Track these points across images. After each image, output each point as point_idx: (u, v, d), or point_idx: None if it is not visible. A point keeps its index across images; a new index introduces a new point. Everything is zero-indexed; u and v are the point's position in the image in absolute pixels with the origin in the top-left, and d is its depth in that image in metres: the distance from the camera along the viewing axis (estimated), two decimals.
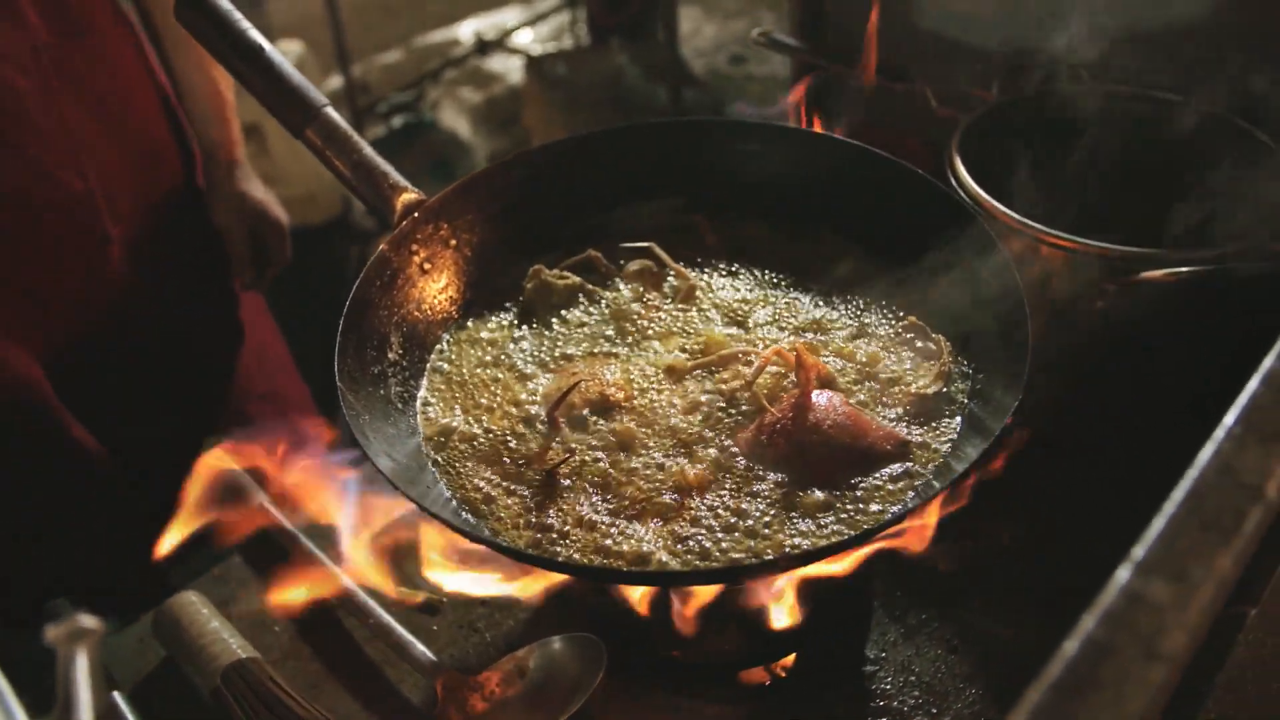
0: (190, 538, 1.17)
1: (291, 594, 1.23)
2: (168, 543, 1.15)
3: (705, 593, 0.96)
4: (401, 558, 1.27)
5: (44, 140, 1.42)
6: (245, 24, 1.13)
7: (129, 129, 1.54)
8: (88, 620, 0.56)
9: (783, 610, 1.07)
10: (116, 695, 1.12)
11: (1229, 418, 0.60)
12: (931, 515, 0.94)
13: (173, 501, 1.18)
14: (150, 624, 1.19)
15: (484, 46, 4.08)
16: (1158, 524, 0.53)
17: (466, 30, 4.29)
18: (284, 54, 3.61)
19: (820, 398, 0.95)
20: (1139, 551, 0.52)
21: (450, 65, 4.03)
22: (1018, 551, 1.21)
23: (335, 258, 3.32)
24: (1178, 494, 0.55)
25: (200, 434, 1.67)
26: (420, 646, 1.12)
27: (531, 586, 1.02)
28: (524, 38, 4.29)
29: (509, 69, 3.96)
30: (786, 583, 1.03)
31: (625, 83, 2.97)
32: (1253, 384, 0.62)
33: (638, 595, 1.00)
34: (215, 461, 1.38)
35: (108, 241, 1.52)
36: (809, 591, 1.06)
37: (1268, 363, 0.64)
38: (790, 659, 1.10)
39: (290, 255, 1.81)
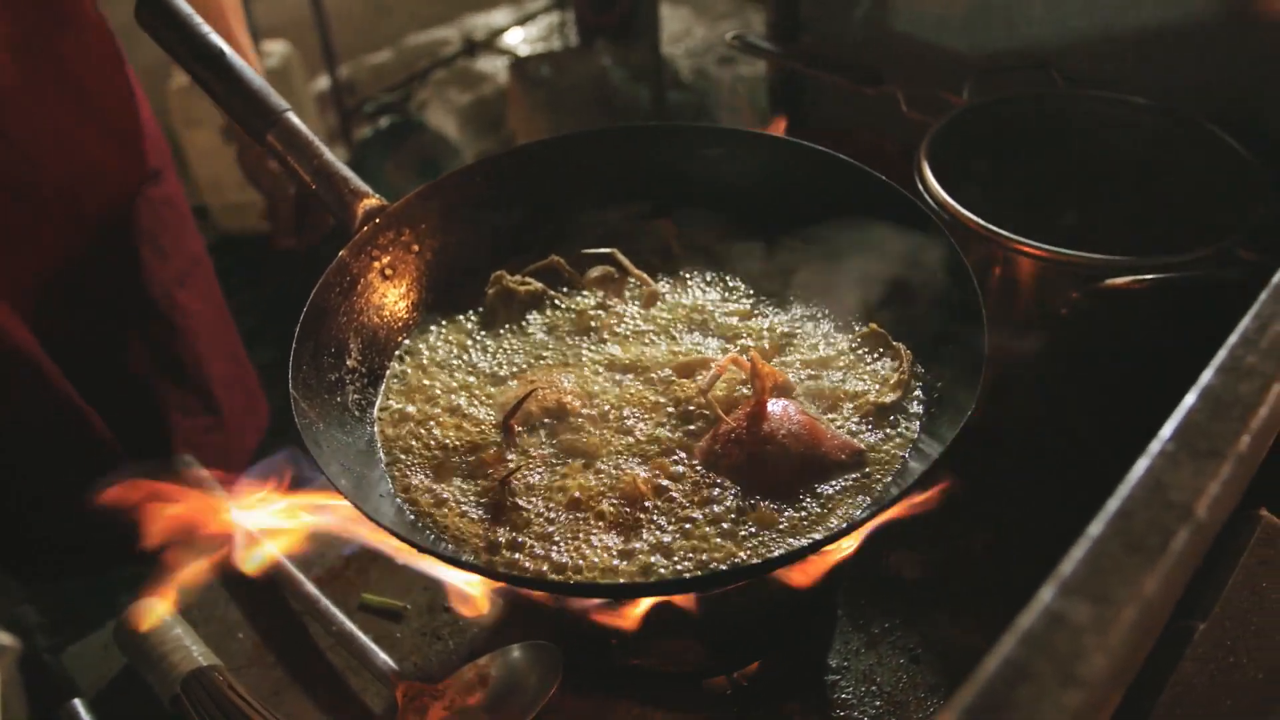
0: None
1: (256, 599, 1.23)
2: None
3: (659, 601, 0.95)
4: (368, 564, 1.28)
5: (30, 125, 1.46)
6: (205, 28, 1.12)
7: (105, 118, 1.59)
8: (2, 638, 0.55)
9: (744, 618, 1.07)
10: (77, 702, 1.11)
11: (1164, 432, 0.60)
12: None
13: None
14: (112, 631, 1.18)
15: (472, 47, 4.07)
16: (1083, 542, 0.52)
17: (456, 31, 4.28)
18: (269, 55, 3.57)
19: (775, 406, 0.94)
20: (1065, 570, 0.51)
21: (439, 66, 4.02)
22: (986, 560, 1.21)
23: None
24: (1106, 512, 0.54)
25: (170, 411, 1.73)
26: (382, 655, 1.11)
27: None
28: (513, 38, 4.28)
29: (498, 69, 3.95)
30: (745, 591, 1.02)
31: (610, 84, 2.95)
32: (1189, 399, 0.62)
33: (593, 604, 1.00)
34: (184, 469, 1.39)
35: (88, 225, 1.57)
36: (771, 600, 1.05)
37: (1205, 377, 0.63)
38: (752, 668, 1.10)
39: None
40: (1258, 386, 0.62)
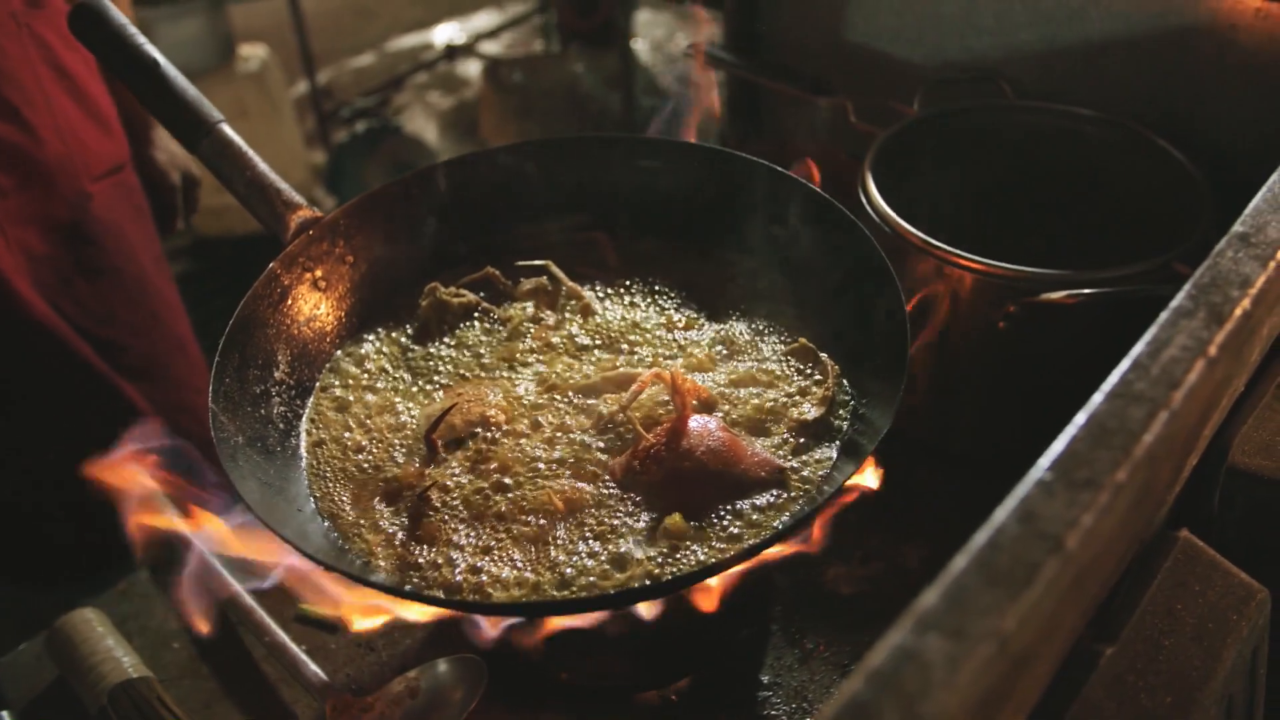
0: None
1: (189, 609, 1.22)
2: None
3: (578, 618, 0.95)
4: (304, 576, 1.27)
5: (31, 103, 1.53)
6: (140, 38, 1.12)
7: (88, 101, 1.65)
8: None
9: (675, 632, 1.06)
10: (4, 715, 1.11)
11: (1044, 460, 0.59)
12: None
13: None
14: (44, 641, 1.17)
15: (452, 52, 4.06)
16: (945, 576, 0.51)
17: (439, 35, 4.28)
18: (248, 58, 3.55)
19: (696, 423, 0.93)
20: (922, 604, 0.50)
21: (419, 70, 4.01)
22: (924, 574, 1.20)
23: None
24: (973, 544, 0.53)
25: (180, 389, 1.77)
26: (313, 666, 1.10)
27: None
28: (495, 43, 4.27)
29: (478, 74, 3.94)
30: (677, 605, 1.01)
31: (582, 90, 2.95)
32: (1074, 426, 0.61)
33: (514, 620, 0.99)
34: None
35: (89, 199, 1.63)
36: (702, 615, 1.04)
37: (1094, 402, 0.62)
38: (683, 683, 1.09)
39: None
40: (1144, 414, 0.62)
